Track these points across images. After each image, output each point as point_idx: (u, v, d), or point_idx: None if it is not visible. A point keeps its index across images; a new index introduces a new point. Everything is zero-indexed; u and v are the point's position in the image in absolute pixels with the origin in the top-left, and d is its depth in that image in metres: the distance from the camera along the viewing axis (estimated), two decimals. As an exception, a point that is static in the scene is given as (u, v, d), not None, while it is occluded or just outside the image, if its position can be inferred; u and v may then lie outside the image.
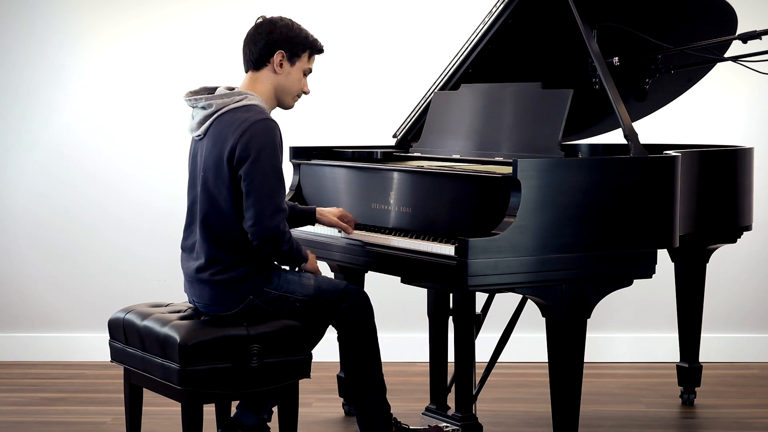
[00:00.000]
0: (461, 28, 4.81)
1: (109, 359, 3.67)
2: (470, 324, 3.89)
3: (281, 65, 3.52)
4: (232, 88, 3.53)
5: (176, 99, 5.42)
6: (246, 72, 3.57)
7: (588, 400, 4.61)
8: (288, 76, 3.54)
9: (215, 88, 3.56)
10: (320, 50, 3.59)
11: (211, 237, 3.44)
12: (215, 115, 3.45)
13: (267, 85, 3.53)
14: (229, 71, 5.34)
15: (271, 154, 3.36)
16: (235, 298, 3.45)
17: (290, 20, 3.55)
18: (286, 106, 3.61)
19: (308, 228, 3.92)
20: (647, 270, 3.46)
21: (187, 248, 3.56)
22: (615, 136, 4.58)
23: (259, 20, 3.56)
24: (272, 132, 3.38)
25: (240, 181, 3.38)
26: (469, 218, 3.45)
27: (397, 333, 5.36)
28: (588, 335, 3.44)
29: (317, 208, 3.82)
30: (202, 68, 5.42)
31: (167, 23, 5.45)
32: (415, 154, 4.11)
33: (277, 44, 3.51)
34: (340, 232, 3.81)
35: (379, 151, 4.26)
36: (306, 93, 3.60)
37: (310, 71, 3.59)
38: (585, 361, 3.44)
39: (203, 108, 3.49)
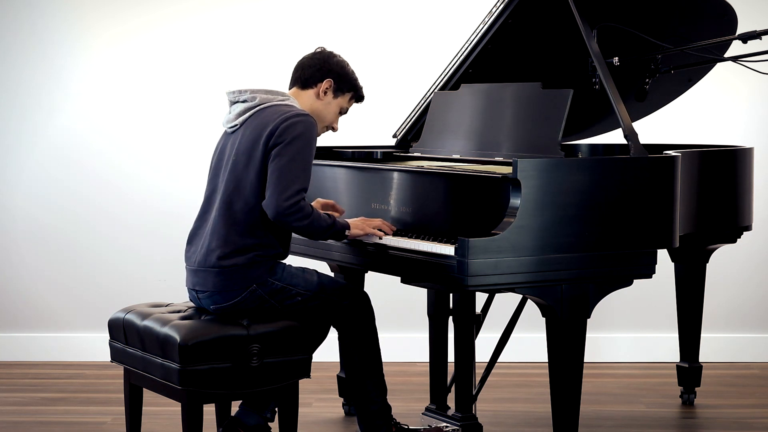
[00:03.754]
0: (461, 28, 4.80)
1: (109, 359, 3.67)
2: (470, 324, 3.89)
3: (326, 93, 3.66)
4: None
5: (176, 99, 5.43)
6: (290, 88, 3.70)
7: (588, 400, 4.61)
8: (328, 105, 3.68)
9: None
10: (361, 98, 3.74)
11: (229, 219, 3.48)
12: (257, 108, 3.56)
13: (307, 106, 3.66)
14: (229, 71, 5.35)
15: (304, 144, 3.45)
16: (238, 286, 3.46)
17: (346, 61, 3.70)
18: None
19: None
20: (647, 270, 3.45)
21: (195, 238, 3.58)
22: (615, 136, 4.58)
23: (318, 49, 3.71)
24: (311, 127, 3.48)
25: (269, 163, 3.44)
26: (469, 218, 3.45)
27: (397, 333, 5.36)
28: (588, 335, 3.44)
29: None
30: (202, 68, 5.42)
31: (167, 23, 5.45)
32: (415, 154, 4.11)
33: (330, 73, 3.66)
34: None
35: (379, 151, 4.27)
36: (334, 130, 3.74)
37: (346, 112, 3.74)
38: (585, 361, 3.43)
39: (245, 101, 3.59)
